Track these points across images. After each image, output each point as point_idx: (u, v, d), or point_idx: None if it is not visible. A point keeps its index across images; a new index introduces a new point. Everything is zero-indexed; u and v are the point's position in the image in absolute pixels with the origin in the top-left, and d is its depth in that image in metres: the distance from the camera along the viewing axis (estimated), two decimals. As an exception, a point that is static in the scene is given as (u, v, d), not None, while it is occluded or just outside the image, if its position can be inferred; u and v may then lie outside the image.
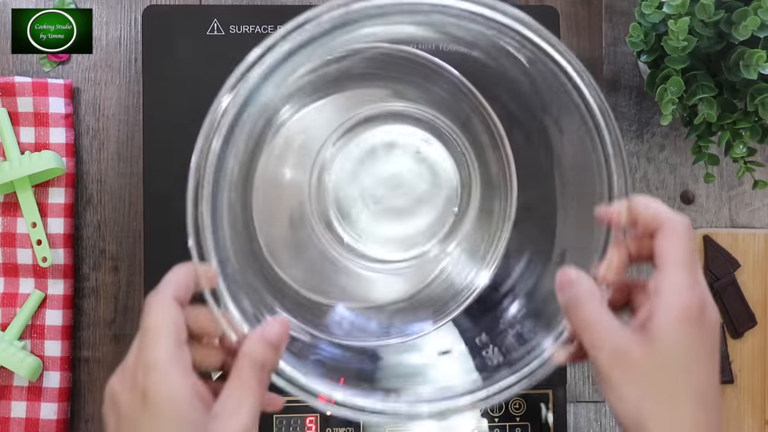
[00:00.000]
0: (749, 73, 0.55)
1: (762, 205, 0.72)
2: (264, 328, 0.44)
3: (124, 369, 0.42)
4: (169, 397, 0.40)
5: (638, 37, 0.59)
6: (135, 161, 0.68)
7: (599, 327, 0.43)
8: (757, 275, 0.70)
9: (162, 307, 0.42)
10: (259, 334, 0.44)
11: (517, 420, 0.63)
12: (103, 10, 0.69)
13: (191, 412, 0.40)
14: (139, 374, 0.41)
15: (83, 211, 0.68)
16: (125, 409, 0.41)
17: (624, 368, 0.41)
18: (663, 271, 0.42)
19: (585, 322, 0.43)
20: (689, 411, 0.41)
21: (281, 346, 0.44)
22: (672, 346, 0.41)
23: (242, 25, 0.63)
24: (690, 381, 0.42)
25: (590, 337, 0.43)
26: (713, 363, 0.43)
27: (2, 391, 0.65)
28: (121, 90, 0.68)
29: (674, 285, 0.42)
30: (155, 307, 0.42)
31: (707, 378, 0.42)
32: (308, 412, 0.62)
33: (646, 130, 0.71)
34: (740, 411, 0.69)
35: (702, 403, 0.42)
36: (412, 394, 0.48)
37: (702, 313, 0.42)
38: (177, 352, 0.41)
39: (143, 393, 0.40)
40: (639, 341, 0.41)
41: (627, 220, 0.45)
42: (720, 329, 0.69)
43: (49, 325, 0.65)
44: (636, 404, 0.41)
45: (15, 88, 0.65)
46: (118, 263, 0.68)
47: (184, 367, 0.41)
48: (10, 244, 0.65)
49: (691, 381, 0.42)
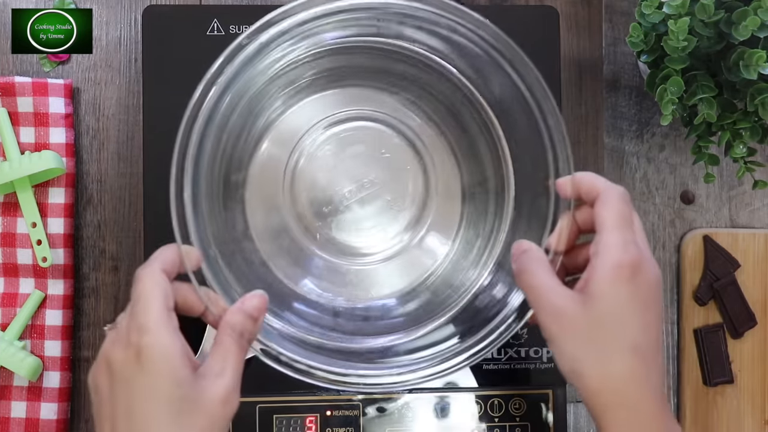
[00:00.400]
0: (749, 73, 0.55)
1: (762, 205, 0.72)
2: (244, 301, 0.49)
3: (117, 333, 0.46)
4: (162, 354, 0.44)
5: (638, 37, 0.59)
6: (135, 161, 0.68)
7: (543, 289, 0.47)
8: (757, 275, 0.70)
9: (151, 277, 0.46)
10: (239, 306, 0.48)
11: (517, 420, 0.63)
12: (103, 10, 0.69)
13: (182, 369, 0.44)
14: (132, 335, 0.44)
15: (83, 211, 0.68)
16: (119, 368, 0.44)
17: (561, 325, 0.46)
18: (600, 234, 0.47)
19: (530, 286, 0.48)
20: (621, 361, 0.45)
21: (260, 318, 0.49)
22: (605, 303, 0.45)
23: (242, 25, 0.63)
24: (623, 335, 0.46)
25: (535, 299, 0.48)
26: (650, 318, 0.46)
27: (2, 391, 0.65)
28: (121, 90, 0.68)
29: (608, 246, 0.46)
30: (145, 277, 0.46)
31: (642, 332, 0.46)
32: (308, 412, 0.62)
33: (646, 130, 0.71)
34: (740, 411, 0.69)
35: (637, 355, 0.45)
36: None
37: (636, 271, 0.46)
38: (167, 315, 0.45)
39: (137, 351, 0.44)
40: (576, 300, 0.46)
41: (571, 192, 0.50)
42: (723, 331, 0.69)
43: (49, 325, 0.65)
44: (571, 356, 0.46)
45: (15, 88, 0.65)
46: (118, 263, 0.68)
47: (173, 329, 0.45)
48: (10, 244, 0.65)
49: (624, 335, 0.46)
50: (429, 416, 0.62)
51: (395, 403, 0.62)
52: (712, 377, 0.69)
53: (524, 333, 0.64)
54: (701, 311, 0.70)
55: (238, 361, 0.47)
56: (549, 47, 0.64)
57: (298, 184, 0.63)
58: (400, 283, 0.64)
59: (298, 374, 0.53)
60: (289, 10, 0.55)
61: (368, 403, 0.62)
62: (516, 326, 0.53)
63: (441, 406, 0.63)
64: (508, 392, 0.63)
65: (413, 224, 0.64)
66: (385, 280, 0.64)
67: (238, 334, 0.47)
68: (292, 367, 0.53)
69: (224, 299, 0.50)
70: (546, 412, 0.63)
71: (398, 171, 0.63)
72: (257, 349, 0.53)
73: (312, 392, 0.62)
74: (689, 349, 0.69)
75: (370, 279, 0.64)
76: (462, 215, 0.64)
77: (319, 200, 0.63)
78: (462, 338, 0.55)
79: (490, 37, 0.54)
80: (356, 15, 0.56)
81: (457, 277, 0.62)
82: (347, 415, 0.62)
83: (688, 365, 0.69)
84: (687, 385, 0.69)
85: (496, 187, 0.61)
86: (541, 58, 0.64)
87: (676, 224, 0.71)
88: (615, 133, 0.71)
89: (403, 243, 0.64)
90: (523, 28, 0.64)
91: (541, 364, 0.64)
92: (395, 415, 0.62)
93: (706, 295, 0.69)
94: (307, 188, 0.63)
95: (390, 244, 0.64)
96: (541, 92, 0.53)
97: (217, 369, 0.46)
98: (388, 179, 0.63)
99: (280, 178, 0.63)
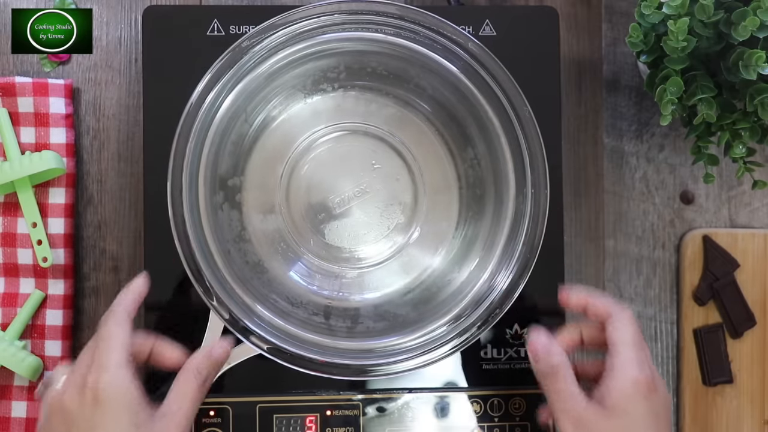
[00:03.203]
0: (748, 74, 0.55)
1: (761, 205, 0.72)
2: (213, 348, 0.53)
3: (71, 377, 0.48)
4: (122, 394, 0.47)
5: (638, 38, 0.59)
6: (135, 161, 0.68)
7: (567, 396, 0.52)
8: (757, 275, 0.70)
9: (116, 321, 0.50)
10: (208, 352, 0.53)
11: (517, 420, 0.63)
12: (103, 10, 0.69)
13: (140, 407, 0.47)
14: (91, 376, 0.47)
15: (83, 211, 0.68)
16: (76, 412, 0.47)
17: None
18: (615, 351, 0.52)
19: (556, 391, 0.52)
20: None
21: (222, 365, 0.54)
22: (625, 416, 0.50)
23: (242, 25, 0.63)
24: None
25: (559, 404, 0.52)
26: (663, 429, 0.52)
27: (2, 391, 0.65)
28: (121, 90, 0.68)
29: (625, 364, 0.51)
30: (110, 321, 0.50)
31: None
32: (308, 411, 0.62)
33: (645, 130, 0.71)
34: (740, 411, 0.69)
35: None
36: None
37: (652, 388, 0.51)
38: (128, 358, 0.49)
39: (94, 394, 0.47)
40: (598, 411, 0.51)
41: (575, 306, 0.56)
42: (722, 331, 0.69)
43: (49, 325, 0.65)
44: None
45: (15, 88, 0.65)
46: (118, 263, 0.68)
47: (132, 373, 0.49)
48: (10, 244, 0.65)
49: None
50: (429, 416, 0.62)
51: (395, 403, 0.62)
52: (712, 377, 0.69)
53: (524, 333, 0.64)
54: (701, 311, 0.70)
55: (194, 404, 0.50)
56: (549, 47, 0.64)
57: (293, 191, 0.64)
58: (393, 286, 0.64)
59: (306, 369, 0.56)
60: (289, 15, 0.57)
61: (368, 402, 0.62)
62: (501, 312, 0.58)
63: (441, 406, 0.63)
64: (508, 392, 0.63)
65: (405, 230, 0.65)
66: (378, 284, 0.65)
67: (203, 378, 0.51)
68: (293, 360, 0.55)
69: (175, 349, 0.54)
70: (546, 411, 0.63)
71: (389, 181, 0.65)
72: (264, 348, 0.55)
73: (312, 392, 0.62)
74: (689, 349, 0.69)
75: (363, 282, 0.65)
76: (455, 218, 0.65)
77: (314, 207, 0.64)
78: (452, 324, 0.58)
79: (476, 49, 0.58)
80: (356, 17, 0.57)
81: (452, 278, 0.63)
82: (347, 414, 0.62)
83: (688, 365, 0.69)
84: (687, 385, 0.69)
85: (490, 189, 0.63)
86: (540, 58, 0.64)
87: (675, 224, 0.71)
88: (615, 133, 0.71)
89: (395, 248, 0.65)
90: (523, 28, 0.64)
91: (541, 364, 0.64)
92: (395, 414, 0.62)
93: (706, 295, 0.69)
94: (301, 195, 0.64)
95: (382, 249, 0.65)
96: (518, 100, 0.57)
97: (174, 409, 0.49)
98: (380, 188, 0.64)
99: (276, 185, 0.64)
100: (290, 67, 0.60)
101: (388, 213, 0.65)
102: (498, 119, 0.59)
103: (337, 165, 0.64)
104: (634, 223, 0.71)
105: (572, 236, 0.70)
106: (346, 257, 0.65)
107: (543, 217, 0.58)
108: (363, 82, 0.64)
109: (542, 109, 0.60)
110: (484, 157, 0.63)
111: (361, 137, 0.65)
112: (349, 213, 0.64)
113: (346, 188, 0.64)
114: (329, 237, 0.64)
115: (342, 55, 0.61)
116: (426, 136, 0.65)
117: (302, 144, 0.64)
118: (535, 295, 0.63)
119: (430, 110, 0.64)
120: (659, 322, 0.70)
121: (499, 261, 0.59)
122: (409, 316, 0.62)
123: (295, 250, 0.64)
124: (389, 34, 0.59)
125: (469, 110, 0.61)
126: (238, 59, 0.57)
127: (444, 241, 0.65)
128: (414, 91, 0.64)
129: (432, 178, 0.65)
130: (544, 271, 0.60)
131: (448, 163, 0.65)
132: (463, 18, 0.64)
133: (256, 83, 0.58)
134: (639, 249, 0.71)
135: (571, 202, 0.70)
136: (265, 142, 0.64)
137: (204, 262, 0.56)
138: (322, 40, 0.58)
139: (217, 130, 0.57)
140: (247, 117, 0.62)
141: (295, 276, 0.64)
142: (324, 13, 0.58)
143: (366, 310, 0.63)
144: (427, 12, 0.59)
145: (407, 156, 0.65)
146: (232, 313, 0.56)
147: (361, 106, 0.65)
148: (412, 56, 0.59)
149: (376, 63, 0.62)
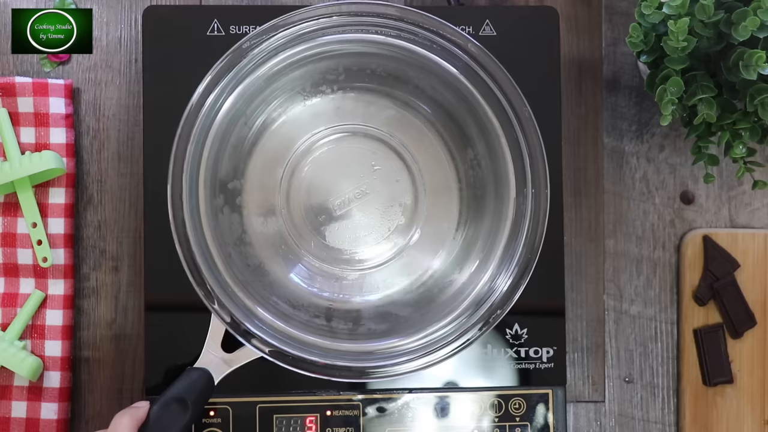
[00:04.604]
0: (749, 74, 0.55)
1: (761, 205, 0.72)
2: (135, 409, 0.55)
3: None
4: None
5: (638, 38, 0.59)
6: (135, 161, 0.68)
7: None
8: (757, 275, 0.70)
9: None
10: (129, 414, 0.54)
11: (517, 420, 0.63)
12: (103, 10, 0.69)
13: None
14: None
15: (83, 211, 0.68)
16: None
17: None
18: None
19: None
20: None
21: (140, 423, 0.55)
22: None
23: (242, 25, 0.63)
24: None
25: None
26: None
27: (2, 391, 0.65)
28: (121, 90, 0.68)
29: None
30: None
31: None
32: (308, 412, 0.62)
33: (645, 131, 0.71)
34: (740, 411, 0.69)
35: None
36: None
37: None
38: None
39: None
40: None
41: None
42: (722, 331, 0.69)
43: (49, 325, 0.65)
44: None
45: (15, 88, 0.65)
46: (118, 263, 0.68)
47: None
48: (10, 244, 0.65)
49: None
50: (429, 416, 0.62)
51: (395, 403, 0.62)
52: (712, 377, 0.69)
53: (524, 333, 0.64)
54: (701, 311, 0.70)
55: None
56: (549, 47, 0.64)
57: (294, 193, 0.64)
58: (394, 287, 0.64)
59: (306, 371, 0.56)
60: (289, 17, 0.57)
61: (368, 403, 0.62)
62: (502, 313, 0.58)
63: (441, 406, 0.63)
64: (508, 392, 0.63)
65: (405, 232, 0.65)
66: (379, 286, 0.65)
67: None
68: (295, 363, 0.55)
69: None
70: (546, 412, 0.63)
71: (389, 182, 0.65)
72: (266, 351, 0.55)
73: (312, 392, 0.62)
74: (689, 349, 0.69)
75: (364, 284, 0.65)
76: (455, 219, 0.65)
77: (314, 209, 0.64)
78: (453, 325, 0.58)
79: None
80: (356, 19, 0.57)
81: (453, 279, 0.63)
82: (347, 415, 0.62)
83: (688, 365, 0.69)
84: (687, 385, 0.69)
85: (490, 189, 0.63)
86: (540, 58, 0.64)
87: (675, 224, 0.71)
88: (615, 133, 0.71)
89: (395, 250, 0.65)
90: (523, 29, 0.64)
91: (541, 364, 0.64)
92: (395, 415, 0.62)
93: (706, 296, 0.69)
94: (302, 197, 0.64)
95: (382, 250, 0.65)
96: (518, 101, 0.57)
97: None
98: (380, 189, 0.64)
99: (276, 187, 0.64)
100: (290, 69, 0.60)
101: (388, 214, 0.65)
102: (498, 120, 0.59)
103: (337, 167, 0.64)
104: (634, 223, 0.71)
105: (572, 236, 0.70)
106: (346, 259, 0.64)
107: (543, 217, 0.58)
108: (362, 83, 0.64)
109: (542, 109, 0.60)
110: (484, 157, 0.63)
111: (361, 139, 0.65)
112: (349, 215, 0.64)
113: (346, 190, 0.64)
114: (330, 239, 0.64)
115: (341, 56, 0.61)
116: (426, 138, 0.65)
117: (302, 146, 0.64)
118: (535, 295, 0.63)
119: (430, 111, 0.65)
120: (659, 322, 0.70)
121: (500, 262, 0.59)
122: (410, 317, 0.62)
123: (295, 253, 0.64)
124: (389, 35, 0.59)
125: (468, 111, 0.61)
126: (237, 61, 0.57)
127: (444, 242, 0.65)
128: (414, 93, 0.64)
129: (432, 179, 0.65)
130: (544, 271, 0.60)
131: (448, 164, 0.65)
132: (463, 18, 0.64)
133: (256, 85, 0.59)
134: (639, 249, 0.71)
135: (571, 202, 0.70)
136: (265, 145, 0.64)
137: (205, 266, 0.56)
138: (322, 42, 0.58)
139: (217, 133, 0.57)
140: (246, 119, 0.62)
141: (296, 278, 0.64)
142: (323, 15, 0.58)
143: (367, 311, 0.63)
144: (427, 13, 0.59)
145: (407, 157, 0.65)
146: (234, 316, 0.56)
147: (361, 108, 0.65)
148: (412, 58, 0.59)
149: (376, 65, 0.62)
